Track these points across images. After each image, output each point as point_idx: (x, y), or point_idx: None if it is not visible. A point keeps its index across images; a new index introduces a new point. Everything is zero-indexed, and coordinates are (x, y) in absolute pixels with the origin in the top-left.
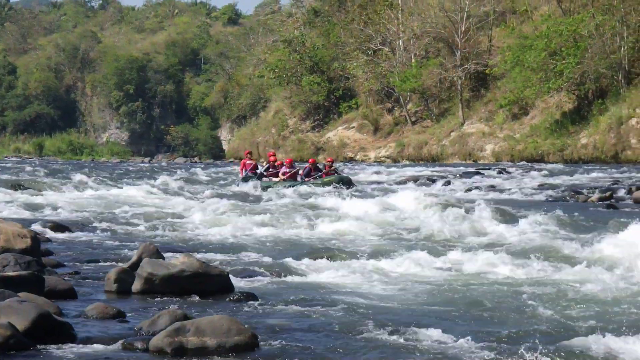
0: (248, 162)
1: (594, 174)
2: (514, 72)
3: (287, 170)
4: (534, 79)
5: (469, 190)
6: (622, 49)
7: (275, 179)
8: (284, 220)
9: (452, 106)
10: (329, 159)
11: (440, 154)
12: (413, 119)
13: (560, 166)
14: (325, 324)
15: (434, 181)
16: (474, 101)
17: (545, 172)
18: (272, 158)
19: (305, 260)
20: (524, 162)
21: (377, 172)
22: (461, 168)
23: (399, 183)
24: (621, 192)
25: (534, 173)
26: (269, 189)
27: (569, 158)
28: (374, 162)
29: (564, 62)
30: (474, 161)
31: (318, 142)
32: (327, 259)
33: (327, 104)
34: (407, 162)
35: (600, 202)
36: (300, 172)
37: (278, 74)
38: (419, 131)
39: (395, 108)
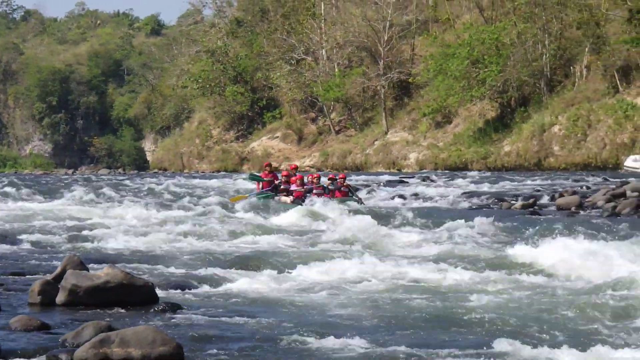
0: (266, 177)
1: (517, 182)
2: (437, 81)
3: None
4: (457, 87)
5: (393, 198)
6: (544, 56)
7: (283, 198)
8: (209, 231)
9: (375, 115)
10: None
11: (364, 162)
12: (337, 128)
13: (484, 174)
14: (249, 334)
15: (357, 190)
16: (398, 110)
17: (469, 180)
18: (284, 172)
19: (230, 271)
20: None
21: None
22: (385, 177)
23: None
24: (544, 199)
25: (458, 181)
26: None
27: (492, 166)
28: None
29: (486, 70)
30: (398, 170)
31: (242, 152)
32: (252, 269)
33: (251, 114)
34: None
35: (524, 210)
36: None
37: (201, 84)
38: (342, 140)
39: (319, 117)
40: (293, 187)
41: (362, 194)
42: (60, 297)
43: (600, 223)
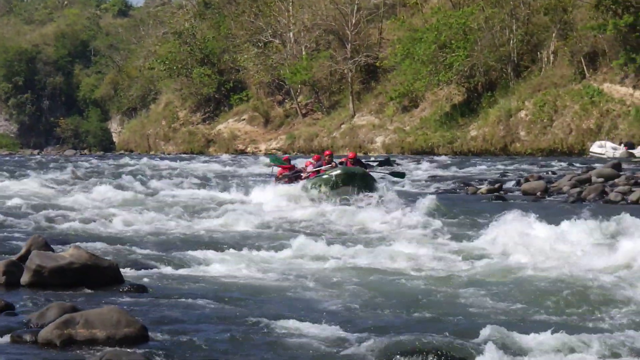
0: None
1: (483, 166)
2: (404, 65)
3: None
4: (424, 72)
5: None
6: (511, 41)
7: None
8: (174, 213)
9: (342, 99)
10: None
11: (330, 146)
12: (304, 111)
13: (450, 158)
14: (214, 316)
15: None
16: (365, 94)
17: (435, 164)
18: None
19: (195, 253)
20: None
21: (269, 165)
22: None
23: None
24: (510, 184)
25: (424, 165)
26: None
27: (458, 150)
28: (265, 154)
29: (453, 54)
30: (364, 153)
31: (209, 134)
32: (217, 251)
33: (218, 96)
34: (298, 155)
35: (489, 194)
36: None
37: (168, 66)
38: (309, 123)
39: (286, 100)
40: (309, 168)
41: None
42: (24, 278)
43: (565, 208)
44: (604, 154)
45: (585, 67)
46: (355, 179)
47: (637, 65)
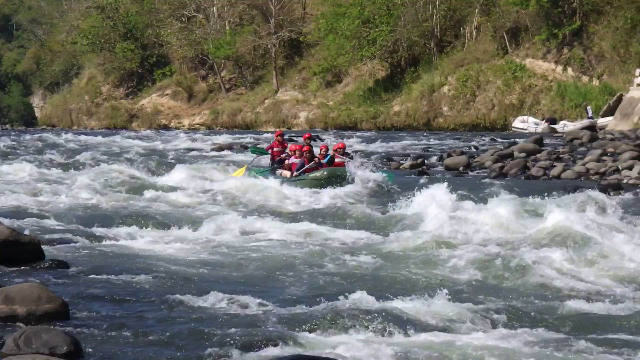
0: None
1: (406, 142)
2: (327, 40)
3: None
4: (348, 47)
5: None
6: (434, 17)
7: (284, 172)
8: (98, 188)
9: (266, 74)
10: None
11: (254, 121)
12: (227, 86)
13: (373, 134)
14: (136, 292)
15: (247, 148)
16: (288, 69)
17: (358, 139)
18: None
19: (118, 228)
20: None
21: (192, 140)
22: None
23: (214, 150)
24: (433, 160)
25: (346, 140)
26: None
27: (382, 125)
28: (188, 129)
29: (377, 30)
30: (288, 128)
31: (132, 109)
32: (139, 228)
33: (141, 71)
34: (222, 130)
35: (412, 170)
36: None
37: (91, 40)
38: (233, 99)
39: (210, 75)
40: (292, 160)
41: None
42: None
43: (487, 183)
44: (526, 129)
45: (507, 43)
46: (342, 179)
47: (559, 41)
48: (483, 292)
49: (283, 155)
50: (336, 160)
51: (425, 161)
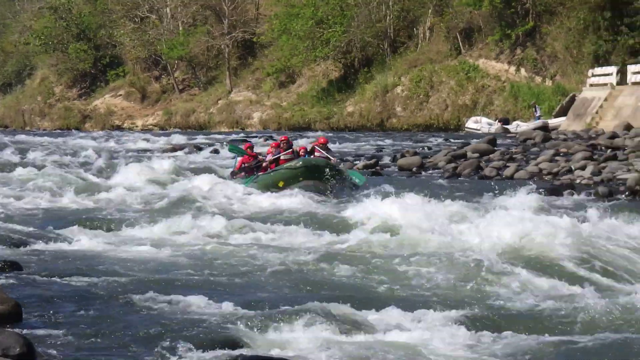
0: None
1: (360, 142)
2: (281, 41)
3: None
4: (301, 48)
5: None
6: (388, 17)
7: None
8: (50, 190)
9: (219, 74)
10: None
11: (208, 122)
12: (180, 87)
13: (327, 134)
14: (90, 293)
15: (201, 149)
16: (242, 69)
17: (312, 140)
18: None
19: (71, 230)
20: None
21: (146, 140)
22: (229, 136)
23: (167, 151)
24: (386, 160)
25: (300, 141)
26: None
27: (335, 126)
28: (142, 130)
29: (330, 30)
30: (241, 129)
31: (85, 110)
32: (93, 228)
33: (94, 72)
34: (175, 130)
35: (366, 170)
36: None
37: (44, 41)
38: (186, 99)
39: (163, 76)
40: (269, 158)
41: (205, 153)
42: None
43: (439, 183)
44: (479, 130)
45: (461, 43)
46: (322, 171)
47: (512, 41)
48: (435, 294)
49: (260, 158)
50: (317, 154)
51: (379, 162)
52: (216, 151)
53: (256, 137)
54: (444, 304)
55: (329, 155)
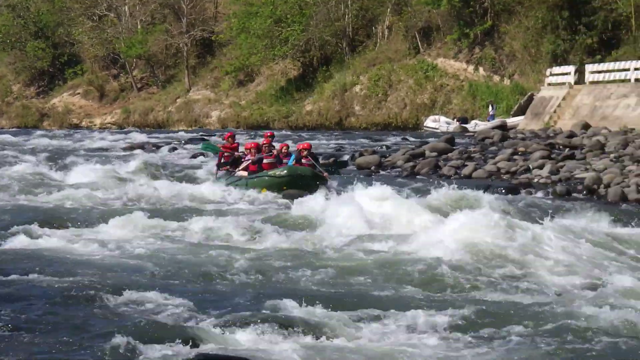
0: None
1: (318, 141)
2: (239, 39)
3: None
4: (260, 46)
5: (195, 156)
6: (346, 16)
7: (240, 174)
8: (5, 188)
9: (178, 73)
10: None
11: (166, 120)
12: (139, 85)
13: (285, 133)
14: (41, 292)
15: (159, 147)
16: (200, 68)
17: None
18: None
19: (24, 228)
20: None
21: (103, 139)
22: (187, 134)
23: (126, 149)
24: (345, 158)
25: (259, 139)
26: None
27: (294, 125)
28: (100, 128)
29: (289, 29)
30: (200, 127)
31: (43, 109)
32: (51, 227)
33: (52, 70)
34: (134, 129)
35: (325, 169)
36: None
37: (1, 39)
38: (145, 98)
39: (121, 74)
40: (249, 159)
41: (164, 151)
42: None
43: (398, 182)
44: (437, 129)
45: (419, 42)
46: (306, 182)
47: (471, 40)
48: (392, 294)
49: (238, 154)
50: (304, 161)
51: (337, 160)
52: (174, 149)
53: (215, 135)
54: (404, 305)
55: (315, 164)
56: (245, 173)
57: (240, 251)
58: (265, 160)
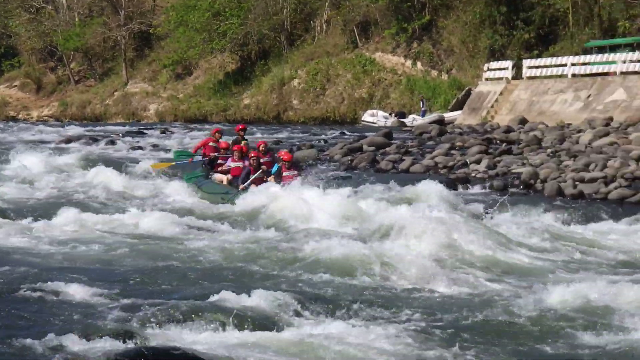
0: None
1: (257, 135)
2: (178, 32)
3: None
4: (198, 40)
5: (133, 149)
6: (285, 10)
7: (218, 177)
8: None
9: (115, 66)
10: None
11: (104, 113)
12: (76, 78)
13: (223, 126)
14: None
15: (97, 140)
16: (138, 61)
17: (208, 132)
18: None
19: None
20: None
21: (41, 132)
22: (125, 127)
23: (63, 142)
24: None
25: (196, 133)
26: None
27: (232, 118)
28: (37, 121)
29: (227, 23)
30: (137, 121)
31: None
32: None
33: None
34: (71, 121)
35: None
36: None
37: None
38: (82, 90)
39: (59, 67)
40: (230, 163)
41: (101, 144)
42: None
43: (334, 176)
44: (375, 123)
45: (357, 37)
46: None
47: (409, 35)
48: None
49: (216, 154)
50: (284, 174)
51: (275, 154)
52: (112, 142)
53: (152, 128)
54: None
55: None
56: (223, 178)
57: (178, 246)
58: (253, 177)
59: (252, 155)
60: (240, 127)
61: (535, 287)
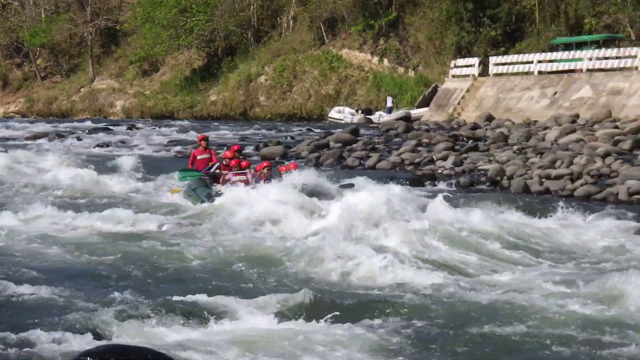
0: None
1: (223, 131)
2: (144, 29)
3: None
4: (165, 36)
5: (100, 146)
6: (252, 7)
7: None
8: None
9: (82, 62)
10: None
11: (70, 109)
12: (43, 74)
13: (190, 123)
14: None
15: (63, 137)
16: (105, 57)
17: (175, 128)
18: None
19: None
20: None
21: (7, 128)
22: (91, 124)
23: (29, 139)
24: (249, 149)
25: (163, 129)
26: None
27: (198, 115)
28: (3, 117)
29: (194, 19)
30: (104, 117)
31: None
32: None
33: None
34: (37, 118)
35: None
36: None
37: None
38: (48, 87)
39: (25, 63)
40: (232, 177)
41: (68, 141)
42: None
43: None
44: (342, 120)
45: (324, 33)
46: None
47: (376, 32)
48: (307, 281)
49: (214, 163)
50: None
51: (242, 151)
52: (78, 138)
53: (119, 124)
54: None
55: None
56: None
57: (150, 244)
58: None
59: (261, 167)
60: (235, 147)
61: (501, 285)
